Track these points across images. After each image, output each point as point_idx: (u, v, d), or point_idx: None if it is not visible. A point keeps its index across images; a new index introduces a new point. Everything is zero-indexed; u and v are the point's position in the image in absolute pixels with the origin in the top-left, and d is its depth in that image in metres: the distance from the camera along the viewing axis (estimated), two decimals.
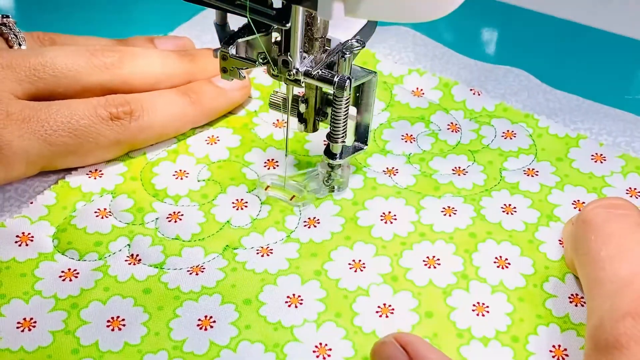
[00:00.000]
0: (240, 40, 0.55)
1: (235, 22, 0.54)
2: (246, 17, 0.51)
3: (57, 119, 0.58)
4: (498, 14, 0.80)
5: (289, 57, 0.53)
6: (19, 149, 0.57)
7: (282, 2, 0.51)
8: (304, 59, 0.54)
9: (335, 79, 0.54)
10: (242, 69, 0.55)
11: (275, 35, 0.55)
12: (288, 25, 0.51)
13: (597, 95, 0.70)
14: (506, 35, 0.78)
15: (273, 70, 0.55)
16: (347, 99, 0.56)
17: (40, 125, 0.58)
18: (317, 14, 0.48)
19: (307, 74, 0.55)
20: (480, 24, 0.79)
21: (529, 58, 0.73)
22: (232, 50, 0.55)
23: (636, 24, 0.78)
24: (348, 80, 0.54)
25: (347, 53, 0.54)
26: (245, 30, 0.55)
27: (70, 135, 0.58)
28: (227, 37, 0.55)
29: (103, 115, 0.59)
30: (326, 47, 0.56)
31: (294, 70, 0.54)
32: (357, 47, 0.55)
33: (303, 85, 0.56)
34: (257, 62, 0.55)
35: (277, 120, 0.66)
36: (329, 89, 0.55)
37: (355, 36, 0.56)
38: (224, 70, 0.56)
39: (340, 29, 0.56)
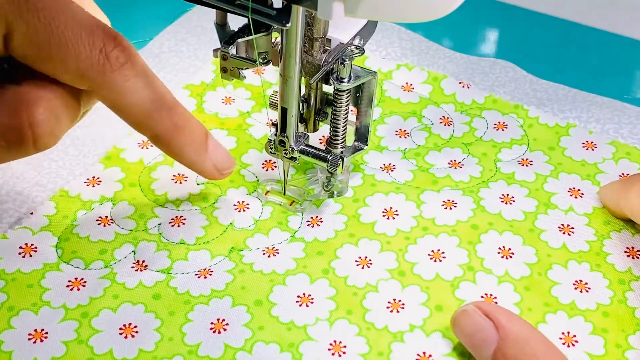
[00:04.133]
0: (240, 40, 0.55)
1: (235, 22, 0.54)
2: (246, 17, 0.51)
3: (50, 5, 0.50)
4: (497, 13, 0.81)
5: (285, 137, 0.57)
6: None
7: (282, 2, 0.51)
8: (299, 137, 0.58)
9: (329, 157, 0.58)
10: (242, 68, 0.55)
11: (276, 36, 0.55)
12: (288, 25, 0.51)
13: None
14: (505, 35, 0.79)
15: (271, 148, 0.58)
16: (347, 104, 0.57)
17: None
18: (317, 14, 0.48)
19: (302, 152, 0.58)
20: (478, 24, 0.79)
21: (528, 58, 0.74)
22: (232, 50, 0.55)
23: (636, 24, 0.79)
24: (341, 160, 0.58)
25: (347, 60, 0.55)
26: (245, 30, 0.55)
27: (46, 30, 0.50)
28: (227, 37, 0.55)
29: (97, 44, 0.51)
30: (326, 47, 0.56)
31: (290, 149, 0.57)
32: (356, 53, 0.55)
33: (297, 162, 0.59)
34: (257, 62, 0.55)
35: (271, 120, 0.66)
36: (323, 165, 0.59)
37: (355, 36, 0.56)
38: (224, 70, 0.56)
39: (340, 29, 0.56)
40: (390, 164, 0.63)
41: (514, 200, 0.61)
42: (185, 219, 0.59)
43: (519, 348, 0.48)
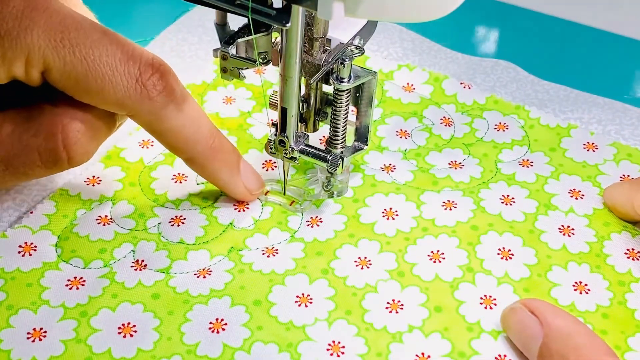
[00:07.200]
0: (240, 40, 0.55)
1: (236, 22, 0.54)
2: (246, 17, 0.51)
3: (82, 41, 0.51)
4: (498, 14, 0.80)
5: (285, 137, 0.57)
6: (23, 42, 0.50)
7: (282, 2, 0.51)
8: (299, 137, 0.58)
9: (329, 157, 0.58)
10: (242, 68, 0.55)
11: (276, 36, 0.55)
12: (288, 25, 0.51)
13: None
14: (506, 36, 0.78)
15: (271, 148, 0.58)
16: (347, 104, 0.57)
17: (60, 32, 0.50)
18: (317, 14, 0.48)
19: (302, 152, 0.58)
20: (479, 24, 0.79)
21: (529, 59, 0.74)
22: (232, 50, 0.55)
23: (636, 24, 0.79)
24: (341, 160, 0.58)
25: (347, 60, 0.55)
26: (245, 30, 0.55)
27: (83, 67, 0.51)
28: (227, 37, 0.55)
29: (133, 73, 0.52)
30: (326, 47, 0.56)
31: (290, 149, 0.57)
32: (356, 53, 0.55)
33: (297, 162, 0.59)
34: (257, 62, 0.55)
35: (271, 120, 0.66)
36: (323, 165, 0.59)
37: (355, 36, 0.56)
38: (224, 70, 0.56)
39: (340, 29, 0.56)
40: (390, 164, 0.63)
41: (514, 201, 0.61)
42: (184, 219, 0.59)
43: (562, 342, 0.49)
